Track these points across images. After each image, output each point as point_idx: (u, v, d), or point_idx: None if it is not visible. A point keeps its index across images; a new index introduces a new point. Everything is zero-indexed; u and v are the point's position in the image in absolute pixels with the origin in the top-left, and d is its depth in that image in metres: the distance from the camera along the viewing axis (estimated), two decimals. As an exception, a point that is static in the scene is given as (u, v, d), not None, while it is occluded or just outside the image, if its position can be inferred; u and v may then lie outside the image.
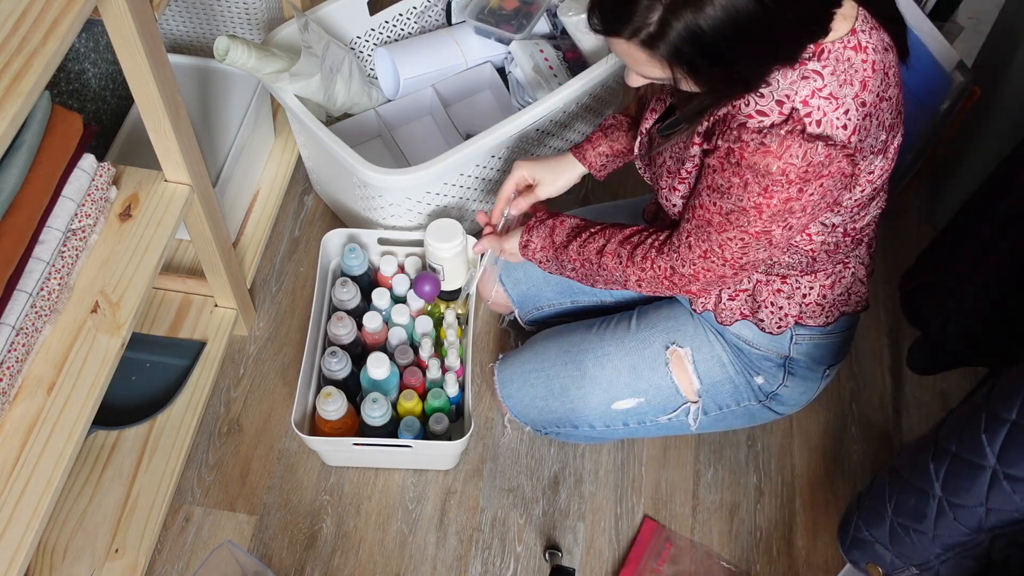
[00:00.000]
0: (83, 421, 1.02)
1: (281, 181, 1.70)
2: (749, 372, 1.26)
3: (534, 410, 1.35)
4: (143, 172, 1.21)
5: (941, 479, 0.89)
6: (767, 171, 0.95)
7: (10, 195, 1.00)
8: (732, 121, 0.97)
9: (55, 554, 1.27)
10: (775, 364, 1.24)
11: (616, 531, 1.39)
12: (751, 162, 0.95)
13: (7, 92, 0.80)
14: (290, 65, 1.40)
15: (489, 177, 1.55)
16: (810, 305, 1.17)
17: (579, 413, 1.31)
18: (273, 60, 1.38)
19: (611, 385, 1.29)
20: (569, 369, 1.31)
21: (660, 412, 1.30)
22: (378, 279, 1.49)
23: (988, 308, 1.07)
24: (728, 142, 0.97)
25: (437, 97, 1.71)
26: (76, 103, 1.48)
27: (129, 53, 1.01)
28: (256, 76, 1.41)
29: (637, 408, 1.30)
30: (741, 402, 1.29)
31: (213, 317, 1.50)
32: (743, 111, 0.96)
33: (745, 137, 0.95)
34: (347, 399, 1.31)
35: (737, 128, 0.96)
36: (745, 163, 0.96)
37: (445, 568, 1.35)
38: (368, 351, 1.38)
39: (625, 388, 1.29)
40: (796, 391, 1.26)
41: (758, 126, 0.95)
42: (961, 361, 1.17)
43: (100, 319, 1.09)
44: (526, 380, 1.35)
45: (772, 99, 0.94)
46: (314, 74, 1.45)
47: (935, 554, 0.95)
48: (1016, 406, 0.80)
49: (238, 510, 1.38)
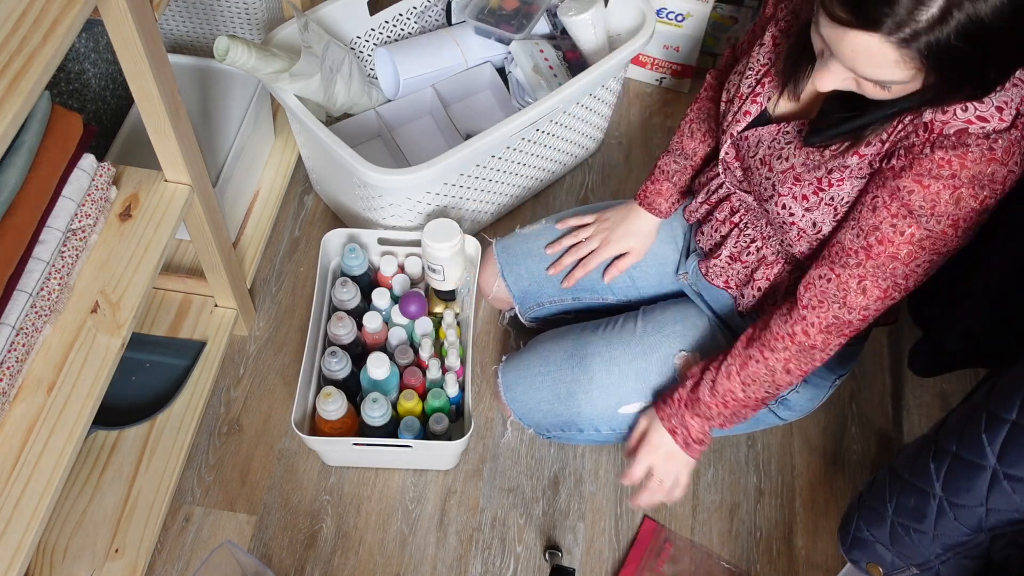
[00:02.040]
0: (83, 421, 1.02)
1: (281, 181, 1.70)
2: None
3: (539, 413, 1.33)
4: (143, 172, 1.21)
5: (941, 479, 0.89)
6: (991, 179, 0.88)
7: (10, 195, 1.00)
8: (941, 128, 0.89)
9: (55, 554, 1.27)
10: None
11: (616, 531, 1.39)
12: (974, 172, 0.88)
13: (7, 92, 0.80)
14: (290, 65, 1.40)
15: (489, 177, 1.55)
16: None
17: (585, 417, 1.30)
18: (273, 60, 1.38)
19: (618, 389, 1.28)
20: (576, 373, 1.30)
21: None
22: (378, 279, 1.49)
23: (990, 309, 1.07)
24: (941, 150, 0.89)
25: (437, 97, 1.71)
26: (76, 103, 1.48)
27: (129, 53, 1.01)
28: (256, 76, 1.41)
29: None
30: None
31: (213, 317, 1.50)
32: (959, 117, 0.88)
33: (970, 142, 0.87)
34: (347, 399, 1.31)
35: (955, 134, 0.88)
36: (966, 172, 0.88)
37: (445, 568, 1.35)
38: (368, 351, 1.38)
39: (632, 392, 1.28)
40: (804, 397, 1.26)
41: (982, 131, 0.87)
42: (963, 362, 1.17)
43: (100, 319, 1.09)
44: (532, 383, 1.33)
45: (992, 105, 0.87)
46: (314, 74, 1.45)
47: (935, 554, 0.95)
48: (1016, 406, 0.80)
49: (238, 510, 1.38)
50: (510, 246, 1.44)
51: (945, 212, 0.91)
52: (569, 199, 1.76)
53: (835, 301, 1.02)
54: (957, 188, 0.89)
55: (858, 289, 0.99)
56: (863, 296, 0.99)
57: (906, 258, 0.95)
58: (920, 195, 0.91)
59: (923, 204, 0.91)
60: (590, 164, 1.81)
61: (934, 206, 0.91)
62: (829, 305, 1.03)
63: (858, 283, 0.99)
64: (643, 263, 1.38)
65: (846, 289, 1.00)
